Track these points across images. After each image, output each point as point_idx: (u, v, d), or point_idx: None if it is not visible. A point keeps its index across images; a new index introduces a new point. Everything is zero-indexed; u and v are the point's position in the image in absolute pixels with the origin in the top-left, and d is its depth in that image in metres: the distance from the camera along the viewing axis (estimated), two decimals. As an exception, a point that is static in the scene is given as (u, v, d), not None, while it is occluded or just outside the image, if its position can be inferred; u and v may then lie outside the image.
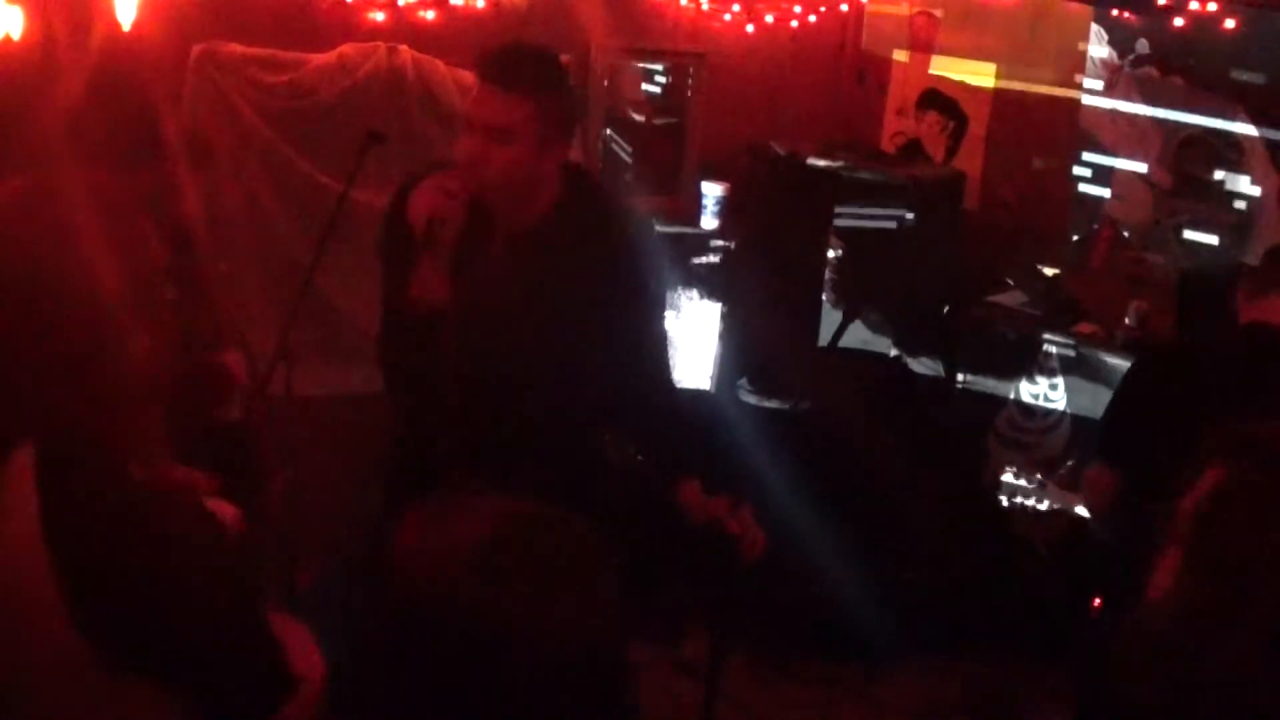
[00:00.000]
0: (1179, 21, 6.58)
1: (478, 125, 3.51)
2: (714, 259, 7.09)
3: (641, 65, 7.59)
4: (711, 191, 7.16)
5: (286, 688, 2.39)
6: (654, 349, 3.96)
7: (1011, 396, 6.66)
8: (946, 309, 7.00)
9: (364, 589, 3.96)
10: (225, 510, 2.88)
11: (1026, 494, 5.71)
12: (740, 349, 6.79)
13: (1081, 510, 4.75)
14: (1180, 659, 2.15)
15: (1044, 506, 5.69)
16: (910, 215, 6.95)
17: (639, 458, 4.24)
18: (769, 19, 7.36)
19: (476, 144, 3.50)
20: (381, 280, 3.79)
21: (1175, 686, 2.13)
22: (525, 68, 3.54)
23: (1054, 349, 6.54)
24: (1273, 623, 2.07)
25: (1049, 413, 6.56)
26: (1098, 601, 4.78)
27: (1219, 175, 6.66)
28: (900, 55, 7.91)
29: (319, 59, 5.71)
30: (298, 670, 2.42)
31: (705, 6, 7.08)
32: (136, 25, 4.95)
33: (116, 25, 4.89)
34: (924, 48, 7.80)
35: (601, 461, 4.14)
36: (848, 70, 8.06)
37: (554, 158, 3.62)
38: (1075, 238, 7.21)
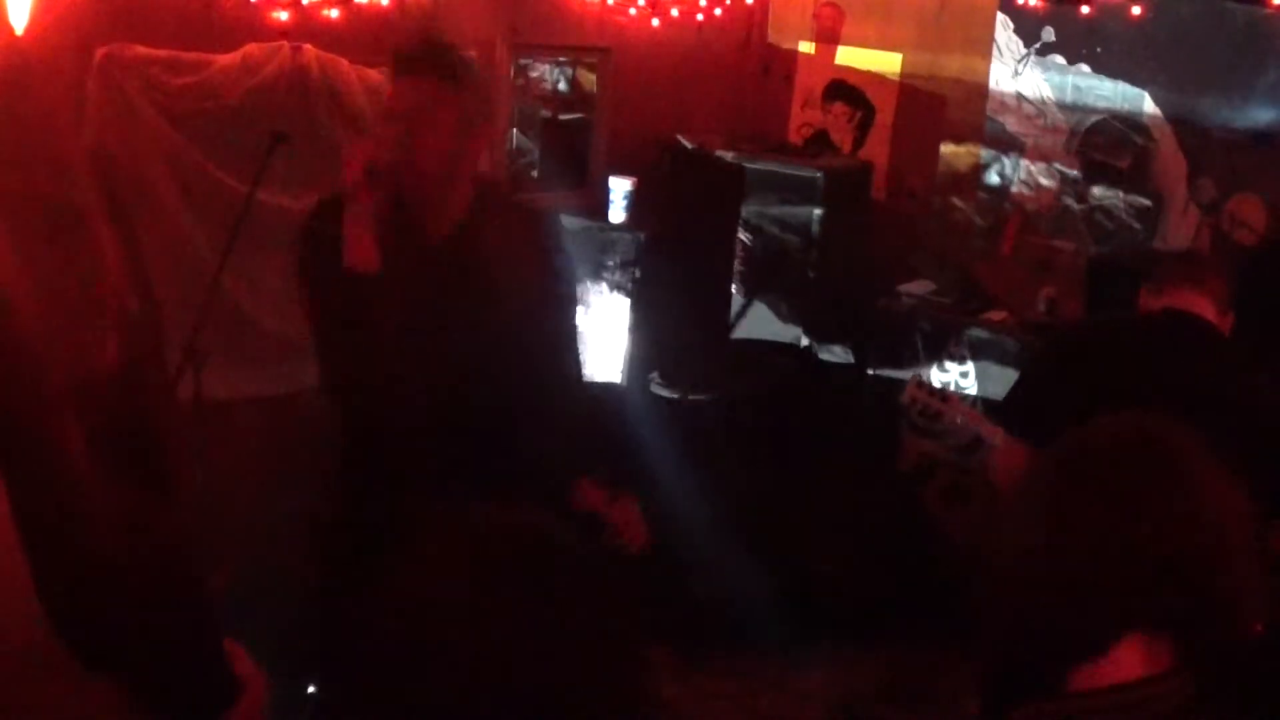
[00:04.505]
0: (1085, 9, 6.65)
1: (400, 114, 3.55)
2: (623, 253, 7.09)
3: (547, 60, 7.59)
4: (619, 186, 7.15)
5: (234, 688, 2.39)
6: (569, 346, 4.00)
7: (922, 383, 6.69)
8: (856, 298, 7.03)
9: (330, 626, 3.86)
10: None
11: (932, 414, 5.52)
12: (652, 342, 6.80)
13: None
14: None
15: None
16: (818, 206, 6.98)
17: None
18: (674, 13, 7.38)
19: (399, 130, 3.53)
20: (306, 303, 3.75)
21: None
22: (443, 59, 3.60)
23: (964, 335, 6.58)
24: None
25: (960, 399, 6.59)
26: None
27: (1126, 161, 6.73)
28: (806, 47, 7.95)
29: (223, 59, 5.65)
30: (241, 672, 2.42)
31: (610, 1, 7.07)
32: (30, 28, 4.87)
33: (9, 29, 4.81)
34: (829, 39, 7.84)
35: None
36: (753, 63, 8.09)
37: (471, 151, 3.67)
38: (983, 225, 7.26)
